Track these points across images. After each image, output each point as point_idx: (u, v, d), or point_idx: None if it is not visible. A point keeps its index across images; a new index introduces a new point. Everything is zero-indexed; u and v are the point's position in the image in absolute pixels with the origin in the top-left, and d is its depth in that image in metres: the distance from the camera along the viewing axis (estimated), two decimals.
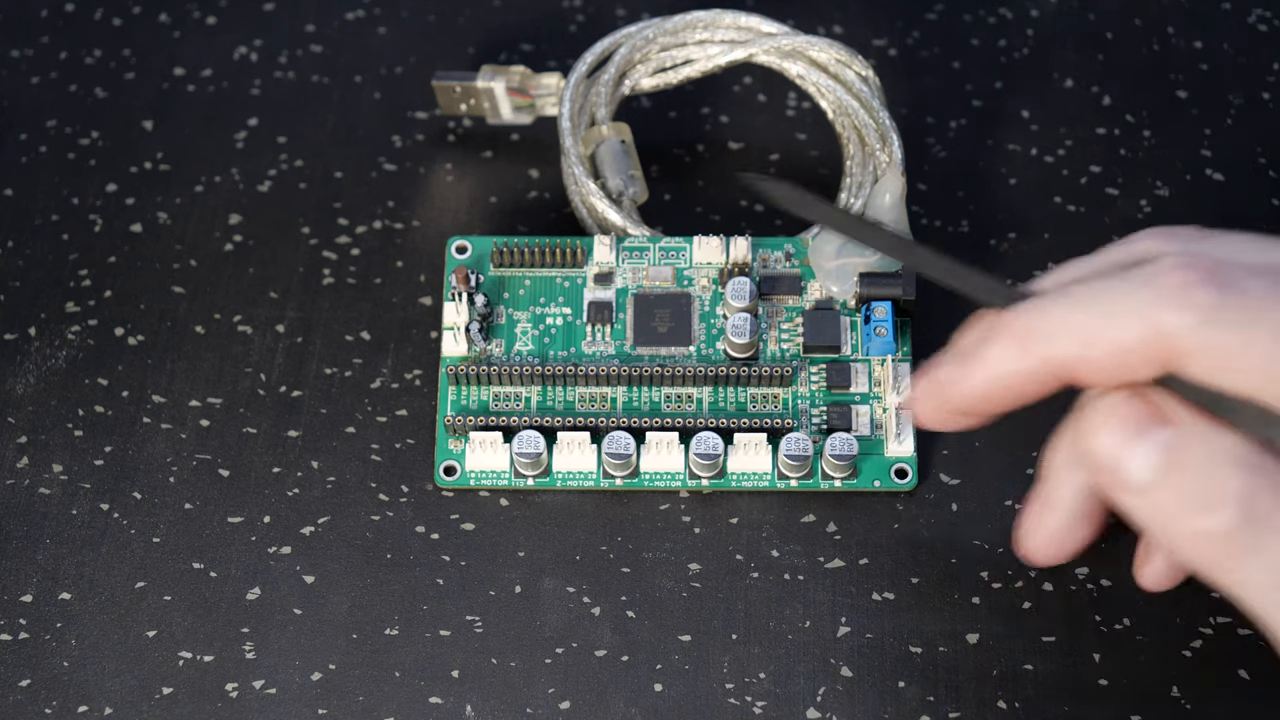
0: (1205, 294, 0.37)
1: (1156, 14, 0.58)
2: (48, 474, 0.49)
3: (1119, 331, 0.37)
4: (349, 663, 0.46)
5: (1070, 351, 0.38)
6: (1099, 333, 0.38)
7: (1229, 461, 0.37)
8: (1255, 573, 0.37)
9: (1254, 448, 0.37)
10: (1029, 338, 0.39)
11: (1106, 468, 0.39)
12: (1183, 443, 0.38)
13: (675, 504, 0.49)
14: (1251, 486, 0.37)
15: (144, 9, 0.59)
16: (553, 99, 0.54)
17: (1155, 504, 0.38)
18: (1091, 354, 0.38)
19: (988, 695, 0.46)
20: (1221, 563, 0.37)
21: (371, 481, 0.49)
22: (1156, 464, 0.38)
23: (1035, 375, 0.39)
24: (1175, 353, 0.37)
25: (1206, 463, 0.37)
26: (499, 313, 0.51)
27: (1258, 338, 0.36)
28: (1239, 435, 0.37)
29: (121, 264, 0.53)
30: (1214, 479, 0.37)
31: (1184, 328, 0.37)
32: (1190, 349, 0.37)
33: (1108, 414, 0.39)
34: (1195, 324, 0.37)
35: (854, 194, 0.52)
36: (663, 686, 0.46)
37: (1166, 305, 0.37)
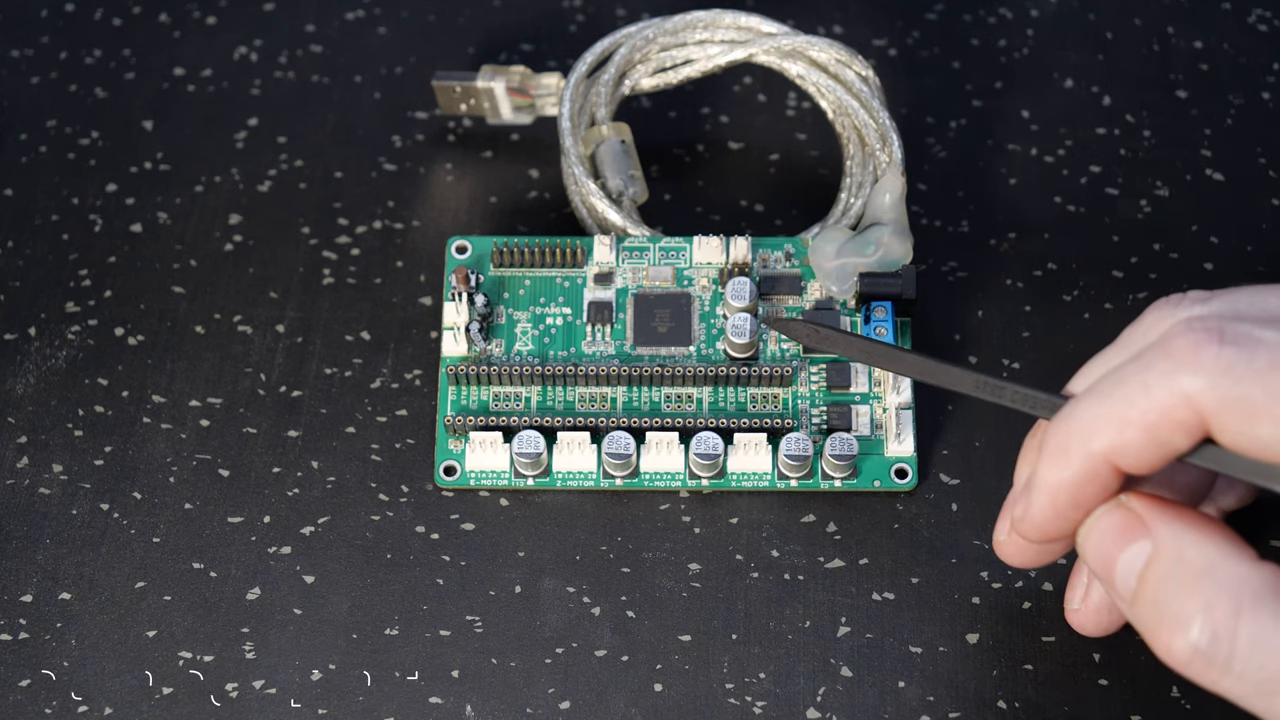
0: (1217, 351, 0.37)
1: (1156, 14, 0.58)
2: (48, 474, 0.49)
3: (1144, 410, 0.38)
4: (349, 663, 0.46)
5: (1107, 443, 0.38)
6: (1127, 416, 0.38)
7: (1192, 574, 0.37)
8: (1231, 684, 0.37)
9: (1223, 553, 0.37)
10: (1068, 444, 0.39)
11: (1101, 577, 0.40)
12: (1153, 555, 0.38)
13: (675, 504, 0.49)
14: (1210, 601, 0.37)
15: (144, 9, 0.59)
16: (553, 99, 0.54)
17: (1135, 615, 0.39)
18: (1127, 439, 0.38)
19: (988, 695, 0.46)
20: (1198, 675, 0.37)
21: (371, 481, 0.49)
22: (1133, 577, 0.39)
23: (1088, 478, 0.39)
24: (1203, 415, 0.37)
25: (1171, 577, 0.38)
26: (499, 313, 0.51)
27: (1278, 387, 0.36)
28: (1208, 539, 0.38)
29: (121, 264, 0.53)
30: (1177, 595, 0.38)
31: (1203, 388, 0.37)
32: (1215, 409, 0.37)
33: (1095, 524, 0.40)
34: (1213, 382, 0.37)
35: (854, 194, 0.52)
36: (663, 686, 0.46)
37: (1182, 371, 0.37)
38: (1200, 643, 0.37)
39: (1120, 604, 0.39)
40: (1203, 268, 0.53)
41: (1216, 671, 0.37)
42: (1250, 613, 0.37)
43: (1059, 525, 0.40)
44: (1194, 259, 0.53)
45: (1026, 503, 0.40)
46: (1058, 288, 0.52)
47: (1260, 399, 0.36)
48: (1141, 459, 0.38)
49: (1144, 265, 0.53)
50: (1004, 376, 0.42)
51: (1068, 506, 0.40)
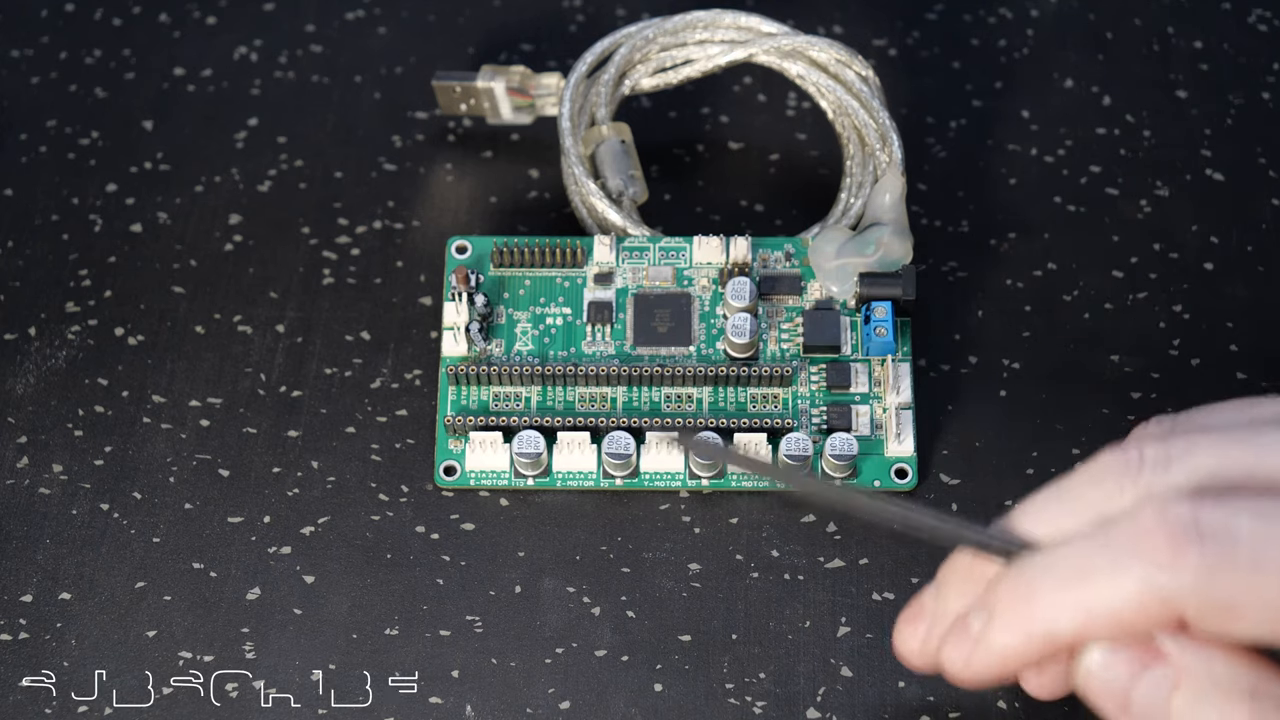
0: (1196, 553, 0.35)
1: (1156, 14, 0.58)
2: (48, 474, 0.49)
3: (1116, 604, 0.36)
4: (349, 663, 0.46)
5: (1074, 628, 0.37)
6: (1096, 607, 0.36)
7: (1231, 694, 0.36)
8: None
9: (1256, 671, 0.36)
10: (1029, 622, 0.37)
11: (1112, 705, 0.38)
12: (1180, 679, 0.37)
13: (675, 504, 0.49)
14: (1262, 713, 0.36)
15: (144, 9, 0.59)
16: (553, 99, 0.54)
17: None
18: (1096, 627, 0.37)
19: (988, 695, 0.46)
20: None
21: (371, 481, 0.49)
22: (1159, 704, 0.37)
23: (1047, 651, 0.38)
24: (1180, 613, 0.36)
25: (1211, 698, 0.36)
26: (499, 313, 0.51)
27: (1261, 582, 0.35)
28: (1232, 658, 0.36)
29: (121, 264, 0.53)
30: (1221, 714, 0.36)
31: (1183, 591, 0.35)
32: (1194, 610, 0.36)
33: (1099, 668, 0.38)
34: (1195, 587, 0.35)
35: (854, 194, 0.52)
36: (663, 686, 0.46)
37: (1161, 572, 0.36)
38: None
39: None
40: (1203, 268, 0.53)
41: None
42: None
43: (1001, 678, 0.39)
44: (1194, 259, 0.53)
45: (966, 653, 0.39)
46: (1058, 288, 0.52)
47: (1241, 600, 0.35)
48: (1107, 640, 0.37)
49: (1144, 265, 0.53)
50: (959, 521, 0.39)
51: (1017, 668, 0.39)
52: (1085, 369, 0.51)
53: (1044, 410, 0.50)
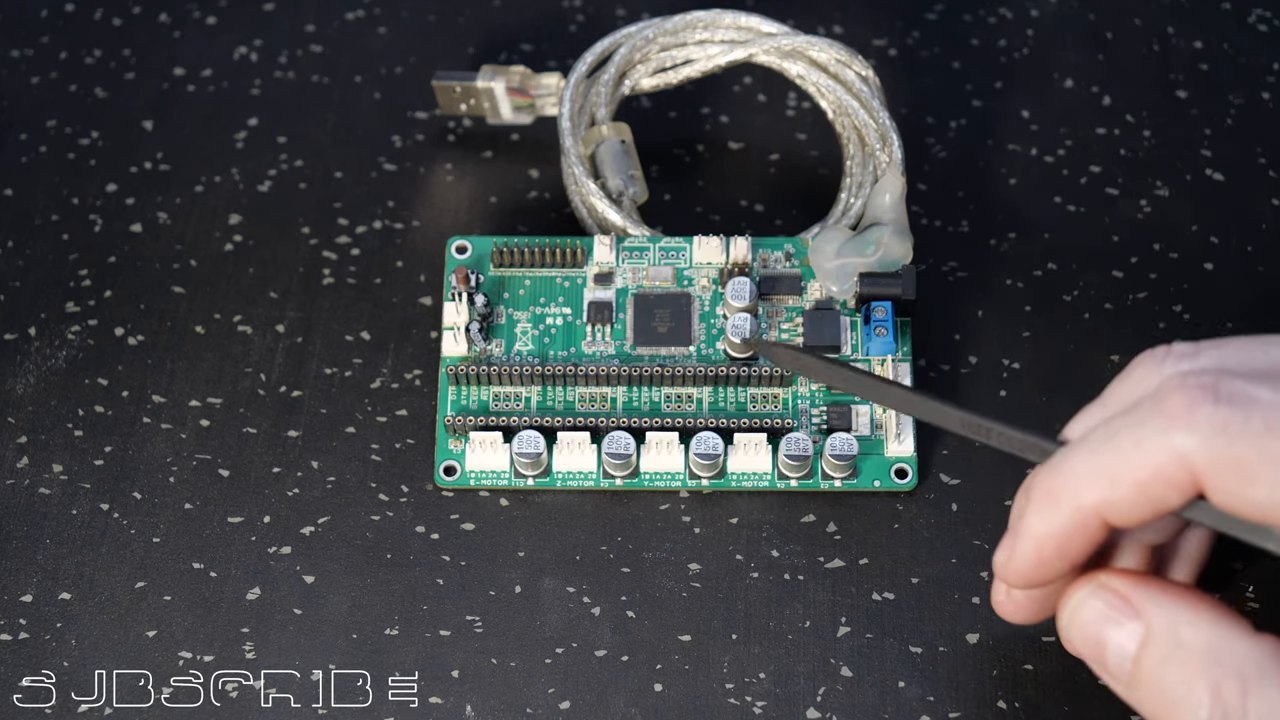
0: (1212, 411, 0.36)
1: (1156, 14, 0.58)
2: (48, 474, 0.49)
3: (1136, 467, 0.37)
4: (349, 663, 0.46)
5: (1098, 497, 0.38)
6: (1118, 472, 0.37)
7: (1193, 658, 0.37)
8: None
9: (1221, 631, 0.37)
10: (1058, 495, 0.38)
11: (1090, 659, 0.39)
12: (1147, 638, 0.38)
13: (675, 504, 0.49)
14: (1218, 683, 0.37)
15: (144, 9, 0.59)
16: (553, 99, 0.54)
17: (1137, 698, 0.38)
18: (1118, 494, 0.38)
19: (988, 695, 0.46)
20: None
21: (371, 481, 0.49)
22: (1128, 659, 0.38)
23: (1075, 529, 0.39)
24: (1196, 474, 0.37)
25: (1170, 660, 0.37)
26: (499, 313, 0.51)
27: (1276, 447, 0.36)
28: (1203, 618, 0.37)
29: (121, 264, 0.53)
30: (1179, 679, 0.37)
31: (1197, 448, 0.36)
32: (1208, 469, 0.36)
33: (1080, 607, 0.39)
34: (1207, 442, 0.36)
35: (854, 194, 0.52)
36: (663, 686, 0.46)
37: (1176, 429, 0.36)
38: None
39: (1114, 685, 0.39)
40: (1203, 268, 0.53)
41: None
42: (1257, 689, 0.36)
43: (1042, 573, 0.40)
44: (1194, 259, 0.53)
45: (1010, 550, 0.40)
46: (1058, 288, 0.52)
47: (1255, 461, 0.36)
48: (1131, 514, 0.38)
49: (1144, 265, 0.53)
50: (993, 417, 0.41)
51: (1053, 556, 0.39)
52: (1085, 369, 0.51)
53: (1044, 410, 0.50)
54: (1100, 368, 0.51)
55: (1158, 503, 0.37)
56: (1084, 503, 0.38)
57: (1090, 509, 0.38)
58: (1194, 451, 0.36)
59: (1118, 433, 0.38)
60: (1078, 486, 0.38)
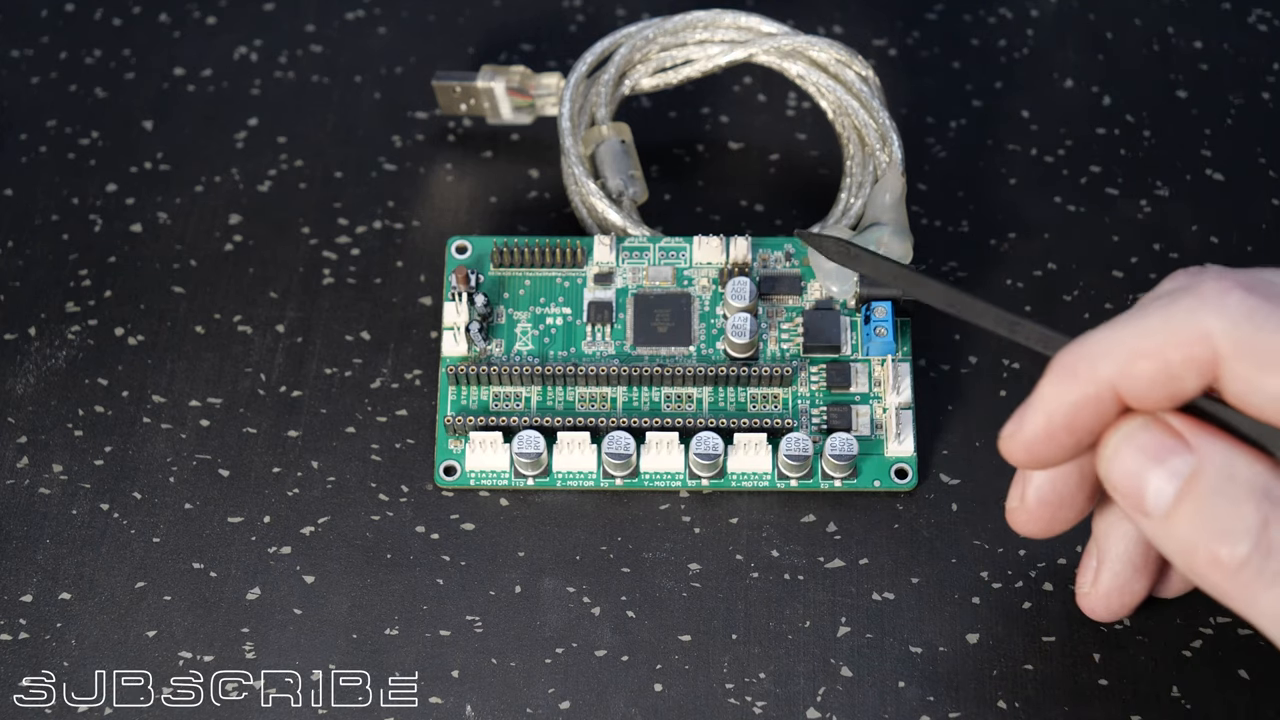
0: (1243, 297, 0.37)
1: (1156, 14, 0.58)
2: (48, 474, 0.49)
3: (1161, 342, 0.37)
4: (349, 663, 0.46)
5: (1116, 369, 0.38)
6: (1141, 346, 0.38)
7: (1245, 490, 0.37)
8: (1269, 603, 0.37)
9: (1273, 475, 0.37)
10: (1077, 365, 0.39)
11: (1126, 494, 0.39)
12: (1199, 470, 0.38)
13: (675, 504, 0.49)
14: (1266, 516, 0.36)
15: (144, 9, 0.59)
16: (553, 99, 0.54)
17: (1171, 532, 0.38)
18: (1137, 368, 0.38)
19: (988, 695, 0.46)
20: (1236, 592, 0.37)
21: (371, 481, 0.49)
22: (1173, 492, 0.38)
23: (1088, 402, 0.38)
24: (1217, 357, 0.37)
25: (1221, 491, 0.37)
26: (499, 313, 0.51)
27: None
28: (1258, 461, 0.37)
29: (121, 264, 0.53)
30: (1228, 508, 0.37)
31: (1226, 329, 0.37)
32: (1231, 351, 0.37)
33: (1127, 440, 0.39)
34: (1236, 324, 0.37)
35: (854, 194, 0.52)
36: (663, 686, 0.46)
37: (1205, 310, 0.37)
38: (1253, 556, 0.36)
39: (1143, 521, 0.38)
40: None
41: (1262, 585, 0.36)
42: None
43: (1047, 448, 0.40)
44: (1194, 259, 0.53)
45: (1019, 421, 0.40)
46: (1058, 288, 0.52)
47: (1276, 348, 0.36)
48: (1148, 393, 0.38)
49: (1144, 265, 0.53)
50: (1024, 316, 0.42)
51: (1061, 429, 0.39)
52: None
53: None
54: None
55: (1174, 382, 0.37)
56: (1102, 374, 0.38)
57: (1106, 380, 0.38)
58: (1220, 332, 0.37)
59: (1147, 311, 0.38)
60: (1098, 356, 0.38)
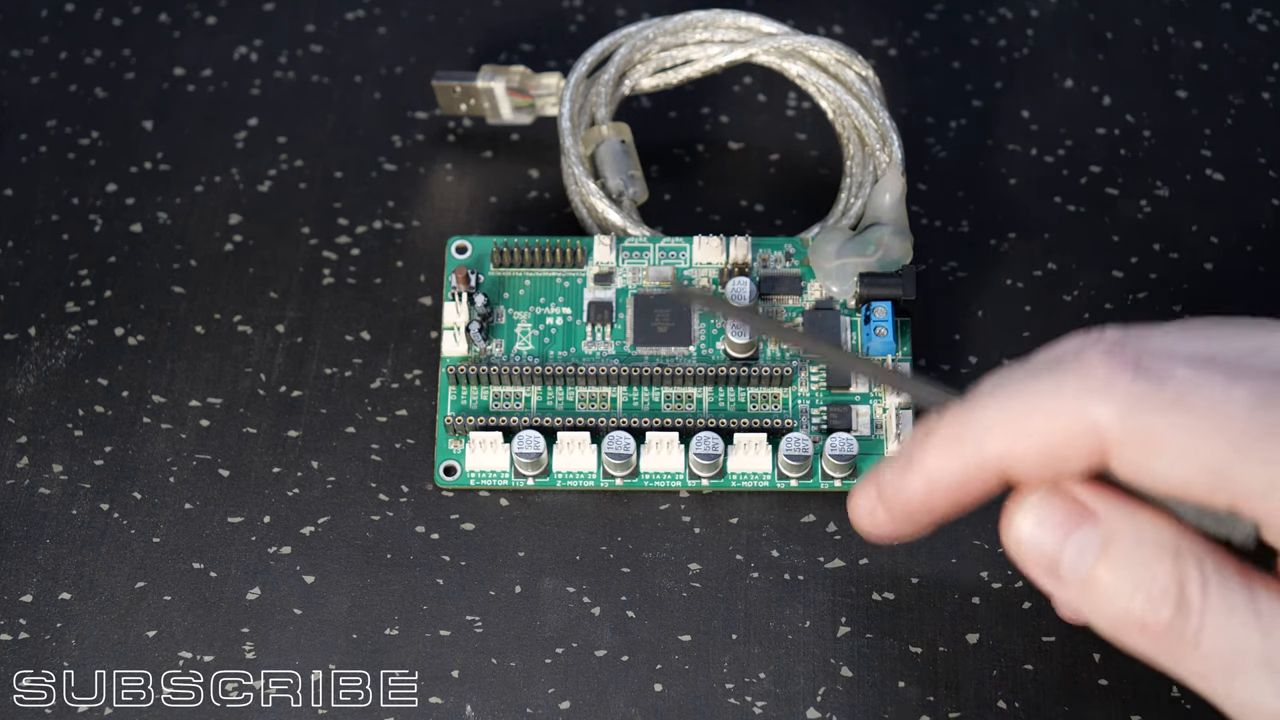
0: (1130, 382, 0.36)
1: (1156, 14, 0.58)
2: (48, 474, 0.49)
3: (1045, 424, 0.37)
4: (349, 663, 0.46)
5: (1000, 448, 0.37)
6: (1026, 427, 0.37)
7: (1155, 553, 0.37)
8: (1195, 662, 0.37)
9: (1180, 532, 0.37)
10: (961, 438, 0.38)
11: (1040, 570, 0.39)
12: (1108, 538, 0.38)
13: (675, 504, 0.49)
14: (1179, 576, 0.37)
15: (144, 9, 0.59)
16: (553, 99, 0.54)
17: (1090, 601, 0.38)
18: (1021, 449, 0.37)
19: (988, 695, 0.46)
20: (1162, 654, 0.37)
21: (371, 481, 0.49)
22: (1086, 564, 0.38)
23: (971, 475, 0.38)
24: (1104, 443, 0.37)
25: (1133, 557, 0.37)
26: (499, 313, 0.51)
27: (1183, 422, 0.36)
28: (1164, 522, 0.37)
29: (121, 264, 0.53)
30: (1143, 573, 0.37)
31: (1110, 416, 0.36)
32: (1118, 438, 0.36)
33: (1029, 514, 0.38)
34: (1121, 412, 0.36)
35: (854, 194, 0.52)
36: (663, 686, 0.46)
37: (1091, 395, 0.36)
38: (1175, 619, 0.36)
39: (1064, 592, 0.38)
40: (1203, 268, 0.53)
41: (1186, 648, 0.37)
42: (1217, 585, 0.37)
43: (924, 510, 0.39)
44: (1194, 259, 0.53)
45: (900, 479, 0.39)
46: (1058, 288, 0.52)
47: (1164, 432, 0.36)
48: (1032, 471, 0.38)
49: (1144, 265, 0.53)
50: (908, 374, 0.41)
51: (942, 498, 0.39)
52: None
53: None
54: None
55: (1061, 463, 0.37)
56: (987, 451, 0.38)
57: (992, 458, 0.38)
58: (1107, 421, 0.36)
59: (1034, 389, 0.37)
60: (983, 433, 0.38)
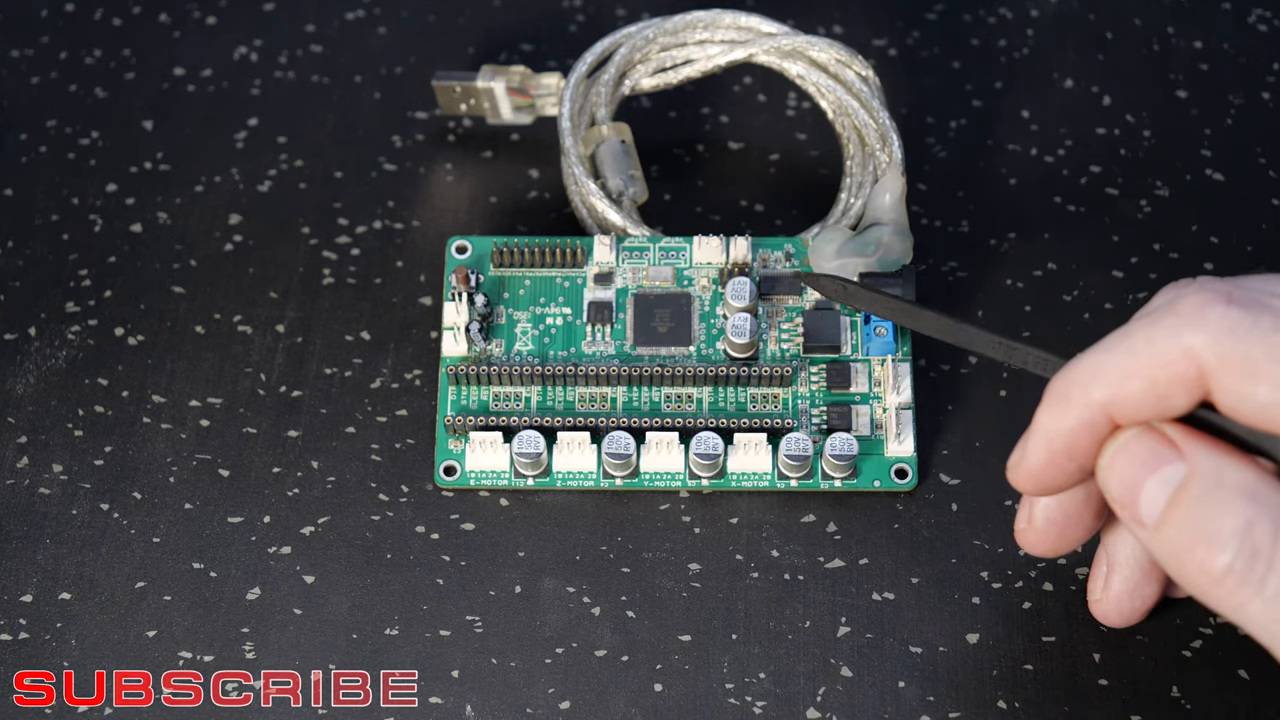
0: (1224, 310, 0.37)
1: (1156, 14, 0.58)
2: (48, 474, 0.49)
3: (1146, 363, 0.38)
4: (349, 663, 0.46)
5: (1106, 393, 0.38)
6: (1127, 368, 0.38)
7: (1232, 495, 0.37)
8: (1258, 608, 0.37)
9: (1262, 479, 0.37)
10: (1069, 391, 0.39)
11: (1122, 504, 0.39)
12: (1189, 477, 0.38)
13: (675, 504, 0.49)
14: (1252, 520, 0.37)
15: (144, 9, 0.59)
16: (553, 99, 0.54)
17: (1161, 539, 0.38)
18: (1126, 390, 0.38)
19: (988, 695, 0.46)
20: (1225, 598, 0.37)
21: (371, 481, 0.49)
22: (1164, 499, 0.38)
23: (1083, 427, 0.39)
24: (1204, 373, 0.37)
25: (1209, 497, 0.37)
26: (499, 313, 0.51)
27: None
28: (1248, 466, 0.37)
29: (121, 264, 0.53)
30: (1216, 514, 0.37)
31: (1207, 345, 0.37)
32: (1216, 365, 0.37)
33: (1121, 450, 0.39)
34: (1218, 338, 0.37)
35: (854, 194, 0.52)
36: (663, 686, 0.46)
37: (1188, 327, 0.37)
38: (1237, 562, 0.36)
39: (1139, 530, 0.39)
40: (1203, 268, 0.53)
41: (1249, 591, 0.37)
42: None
43: (1052, 474, 0.40)
44: (1194, 259, 0.53)
45: (1023, 450, 0.40)
46: (1058, 288, 0.52)
47: (1261, 359, 0.36)
48: (1140, 412, 0.38)
49: (1144, 265, 0.53)
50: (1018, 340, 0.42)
51: (1061, 454, 0.40)
52: None
53: None
54: None
55: (1165, 400, 0.38)
56: (1093, 398, 0.38)
57: (1099, 404, 0.38)
58: (1203, 348, 0.37)
59: (1131, 333, 0.38)
60: (1088, 382, 0.39)
